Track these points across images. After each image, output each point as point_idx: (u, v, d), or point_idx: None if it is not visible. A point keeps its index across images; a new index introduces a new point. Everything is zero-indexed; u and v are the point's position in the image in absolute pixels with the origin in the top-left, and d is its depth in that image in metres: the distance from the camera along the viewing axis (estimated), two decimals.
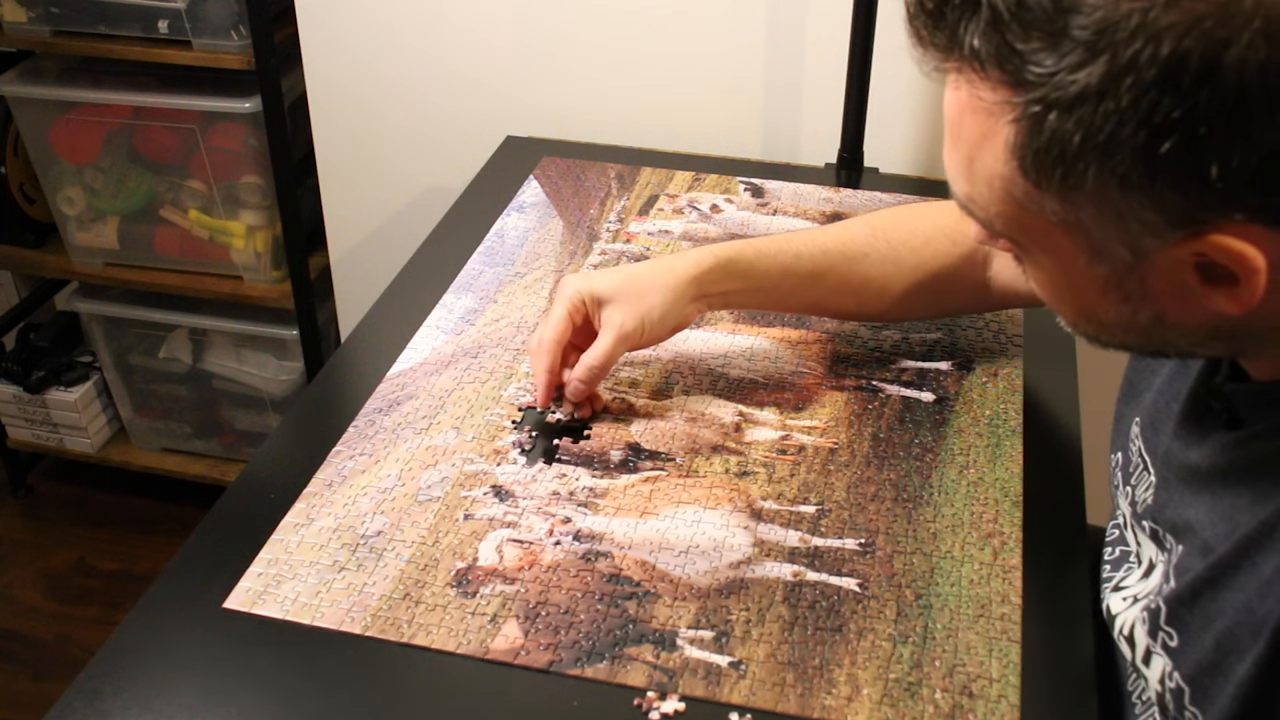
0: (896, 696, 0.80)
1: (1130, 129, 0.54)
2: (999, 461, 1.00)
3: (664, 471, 0.99)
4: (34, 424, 2.24)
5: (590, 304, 1.00)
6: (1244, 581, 0.65)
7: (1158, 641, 0.72)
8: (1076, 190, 0.58)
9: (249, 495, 1.00)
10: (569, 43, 1.59)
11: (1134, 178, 0.56)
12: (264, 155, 1.84)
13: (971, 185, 0.65)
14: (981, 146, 0.62)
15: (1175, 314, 0.63)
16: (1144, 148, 0.54)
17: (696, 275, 1.01)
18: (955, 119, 0.64)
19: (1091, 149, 0.56)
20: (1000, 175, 0.62)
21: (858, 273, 1.04)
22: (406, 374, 1.12)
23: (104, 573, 2.16)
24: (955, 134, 0.65)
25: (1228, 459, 0.70)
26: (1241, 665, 0.64)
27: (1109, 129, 0.54)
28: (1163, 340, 0.67)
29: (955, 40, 0.60)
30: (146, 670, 0.83)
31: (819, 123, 1.53)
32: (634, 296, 0.99)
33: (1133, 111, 0.53)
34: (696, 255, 1.02)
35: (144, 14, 1.77)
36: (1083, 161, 0.56)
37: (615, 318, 0.99)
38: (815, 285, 1.04)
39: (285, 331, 2.03)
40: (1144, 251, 0.60)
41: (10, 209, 2.08)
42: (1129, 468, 0.85)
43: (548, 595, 0.88)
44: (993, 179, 0.62)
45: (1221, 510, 0.69)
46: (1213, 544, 0.68)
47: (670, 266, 1.01)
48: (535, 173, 1.48)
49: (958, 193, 0.67)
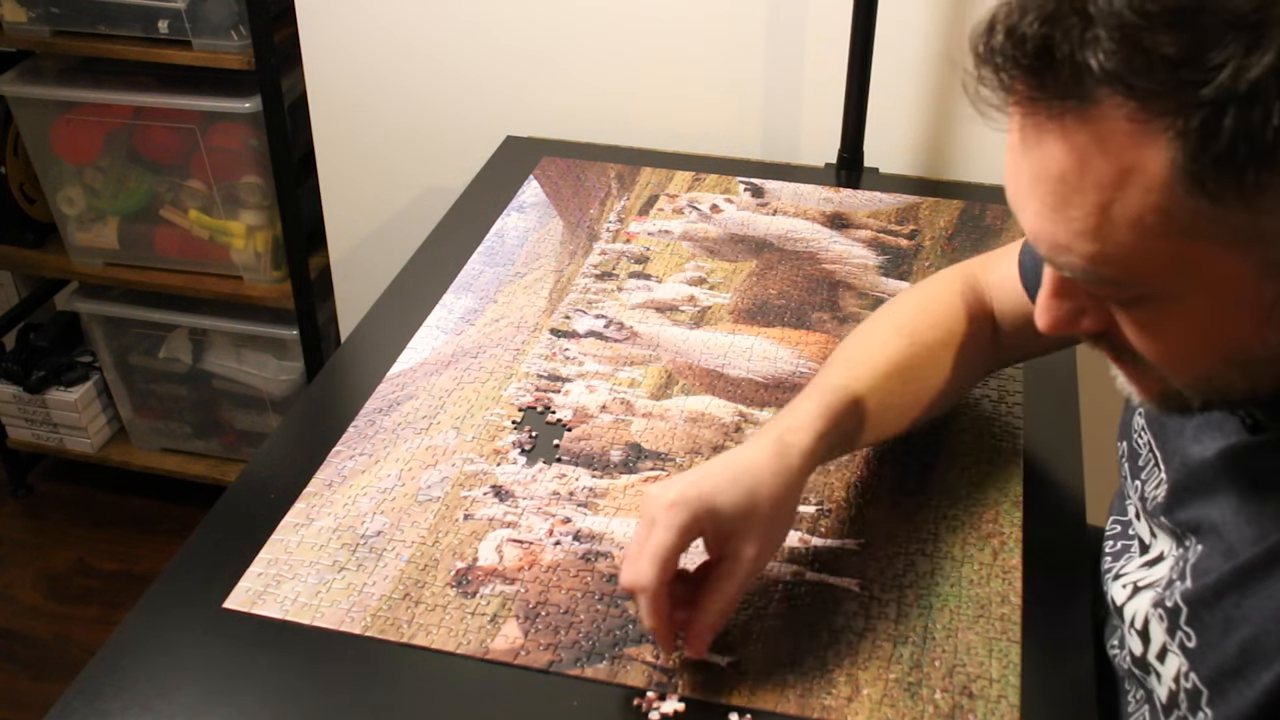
0: (896, 696, 0.80)
1: None
2: (999, 461, 1.00)
3: (664, 471, 0.99)
4: (34, 424, 2.24)
5: (710, 526, 0.80)
6: (1274, 590, 0.65)
7: (1175, 640, 0.72)
8: (1266, 189, 0.52)
9: (249, 495, 1.00)
10: (569, 43, 1.59)
11: None
12: (264, 155, 1.84)
13: (1104, 242, 0.57)
14: (1123, 187, 0.55)
15: None
16: None
17: (811, 462, 0.85)
18: (1075, 170, 0.56)
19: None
20: (1155, 209, 0.55)
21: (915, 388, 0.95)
22: (406, 374, 1.12)
23: (104, 573, 2.16)
24: (1074, 188, 0.57)
25: (1258, 464, 0.69)
26: (1268, 673, 0.64)
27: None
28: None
29: (1076, 74, 0.54)
30: (146, 670, 0.83)
31: (819, 123, 1.53)
32: (764, 521, 0.81)
33: None
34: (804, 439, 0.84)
35: (144, 14, 1.77)
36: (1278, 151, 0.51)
37: (748, 552, 0.80)
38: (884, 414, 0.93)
39: (285, 331, 2.03)
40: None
41: (10, 209, 2.08)
42: (1137, 460, 0.85)
43: (548, 595, 0.88)
44: (1144, 217, 0.55)
45: (1248, 515, 0.68)
46: (1238, 548, 0.68)
47: (786, 463, 0.82)
48: (535, 173, 1.48)
49: (1076, 259, 0.59)
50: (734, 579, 0.80)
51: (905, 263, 1.26)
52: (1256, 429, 0.70)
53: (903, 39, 1.44)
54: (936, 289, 1.00)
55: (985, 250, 1.05)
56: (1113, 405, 0.93)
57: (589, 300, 1.22)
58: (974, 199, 1.39)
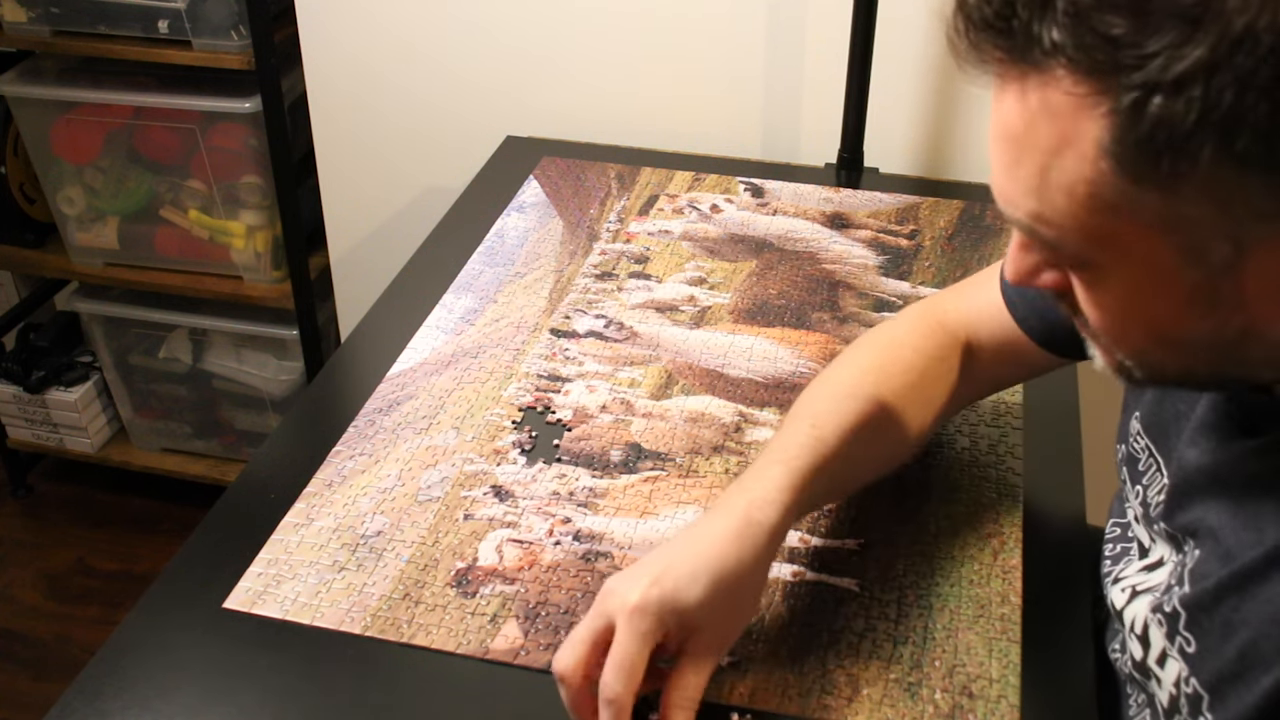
0: (896, 696, 0.80)
1: (1251, 100, 0.51)
2: (999, 462, 1.00)
3: (664, 471, 0.99)
4: (34, 424, 2.24)
5: (674, 625, 0.76)
6: (1272, 593, 0.64)
7: (1175, 645, 0.72)
8: (1184, 179, 0.54)
9: (249, 495, 1.00)
10: (569, 43, 1.59)
11: (1254, 152, 0.52)
12: (264, 155, 1.84)
13: (1043, 201, 0.60)
14: (1061, 152, 0.58)
15: (1265, 322, 0.60)
16: (1269, 118, 0.51)
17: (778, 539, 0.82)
18: (1023, 130, 0.59)
19: (1206, 128, 0.52)
20: (1086, 179, 0.57)
21: (883, 439, 0.93)
22: (406, 374, 1.12)
23: (104, 573, 2.16)
24: (1022, 147, 0.60)
25: (1254, 467, 0.69)
26: (1268, 677, 0.64)
27: (1226, 103, 0.51)
28: (1238, 361, 0.63)
29: (1031, 41, 0.56)
30: (146, 670, 0.83)
31: (819, 123, 1.53)
32: (730, 611, 0.79)
33: (1251, 82, 0.50)
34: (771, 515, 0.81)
35: (144, 14, 1.77)
36: (1195, 143, 0.53)
37: (712, 644, 0.78)
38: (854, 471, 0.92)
39: (285, 331, 2.03)
40: (1246, 245, 0.56)
41: (10, 209, 2.08)
42: (1136, 465, 0.85)
43: (548, 595, 0.88)
44: (1076, 185, 0.58)
45: (1245, 518, 0.68)
46: (1235, 552, 0.68)
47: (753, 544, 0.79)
48: (535, 173, 1.48)
49: (1021, 214, 0.62)
50: (704, 669, 0.77)
51: (905, 263, 1.26)
52: (1252, 432, 0.70)
53: (903, 39, 1.44)
54: (900, 329, 0.98)
55: (985, 250, 1.05)
56: (1112, 406, 0.93)
57: (589, 300, 1.22)
58: (974, 199, 1.39)
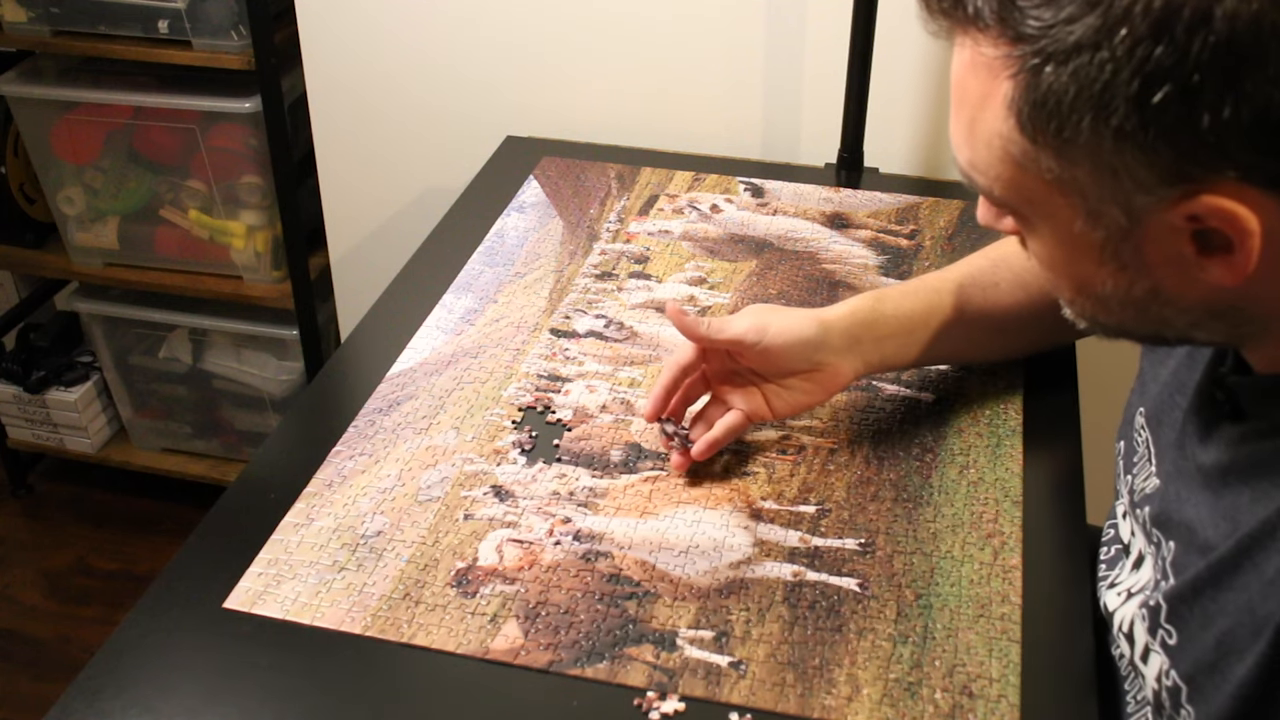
0: (896, 696, 0.80)
1: (1124, 78, 0.55)
2: (999, 461, 1.00)
3: (664, 471, 0.99)
4: (34, 424, 2.24)
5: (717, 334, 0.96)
6: (1245, 581, 0.65)
7: (1156, 639, 0.72)
8: (1071, 144, 0.59)
9: (249, 495, 1.00)
10: (569, 43, 1.59)
11: (1128, 129, 0.57)
12: (264, 155, 1.84)
13: (973, 149, 0.66)
14: (983, 106, 0.63)
15: (1172, 287, 0.64)
16: (1137, 97, 0.55)
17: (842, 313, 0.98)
18: (959, 82, 0.65)
19: (1086, 100, 0.57)
20: (999, 134, 0.62)
21: (993, 301, 1.00)
22: (406, 374, 1.12)
23: (104, 573, 2.16)
24: (959, 98, 0.66)
25: (1230, 455, 0.70)
26: (1242, 665, 0.64)
27: (1103, 79, 0.56)
28: (1160, 319, 0.67)
29: (958, 2, 0.61)
30: (146, 670, 0.83)
31: (819, 123, 1.53)
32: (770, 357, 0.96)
33: (1126, 60, 0.55)
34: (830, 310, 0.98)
35: (144, 14, 1.77)
36: (1077, 113, 0.57)
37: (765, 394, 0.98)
38: (960, 320, 1.00)
39: (285, 331, 2.03)
40: (1138, 213, 0.60)
41: (10, 209, 2.08)
42: (1132, 456, 0.85)
43: (548, 595, 0.88)
44: (992, 139, 0.63)
45: (1222, 508, 0.69)
46: (1213, 542, 0.68)
47: (802, 313, 0.97)
48: (535, 173, 1.48)
49: (961, 160, 0.68)
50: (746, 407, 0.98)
51: (905, 263, 1.26)
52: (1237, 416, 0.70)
53: (903, 39, 1.44)
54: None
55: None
56: (1113, 405, 0.93)
57: (589, 300, 1.22)
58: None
